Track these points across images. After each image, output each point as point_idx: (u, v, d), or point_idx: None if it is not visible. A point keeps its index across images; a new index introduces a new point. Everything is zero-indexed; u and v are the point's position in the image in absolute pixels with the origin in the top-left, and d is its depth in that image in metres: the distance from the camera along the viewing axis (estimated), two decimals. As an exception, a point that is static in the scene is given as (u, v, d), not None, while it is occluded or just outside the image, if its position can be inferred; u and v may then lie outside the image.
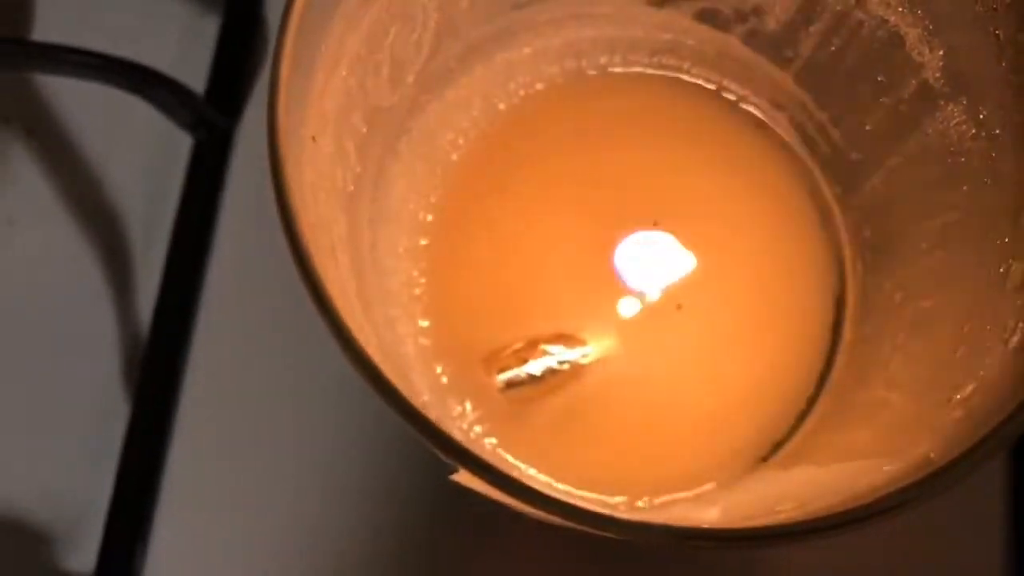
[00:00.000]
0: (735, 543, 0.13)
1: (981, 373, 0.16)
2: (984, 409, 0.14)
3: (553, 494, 0.13)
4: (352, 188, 0.19)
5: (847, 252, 0.23)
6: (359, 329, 0.16)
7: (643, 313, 0.24)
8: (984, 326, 0.17)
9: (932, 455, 0.14)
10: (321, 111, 0.16)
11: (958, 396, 0.16)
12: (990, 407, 0.14)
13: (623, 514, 0.13)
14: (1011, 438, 0.13)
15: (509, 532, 0.26)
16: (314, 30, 0.15)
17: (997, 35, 0.17)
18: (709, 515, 0.20)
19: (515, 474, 0.22)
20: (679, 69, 0.24)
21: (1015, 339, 0.15)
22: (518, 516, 0.24)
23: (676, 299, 0.24)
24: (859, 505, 0.12)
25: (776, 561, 0.24)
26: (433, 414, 0.22)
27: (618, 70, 0.24)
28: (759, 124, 0.24)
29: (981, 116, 0.18)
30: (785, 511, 0.15)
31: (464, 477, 0.14)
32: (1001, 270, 0.17)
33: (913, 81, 0.19)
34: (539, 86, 0.24)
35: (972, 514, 0.24)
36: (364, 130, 0.19)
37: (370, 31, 0.17)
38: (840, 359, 0.22)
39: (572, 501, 0.13)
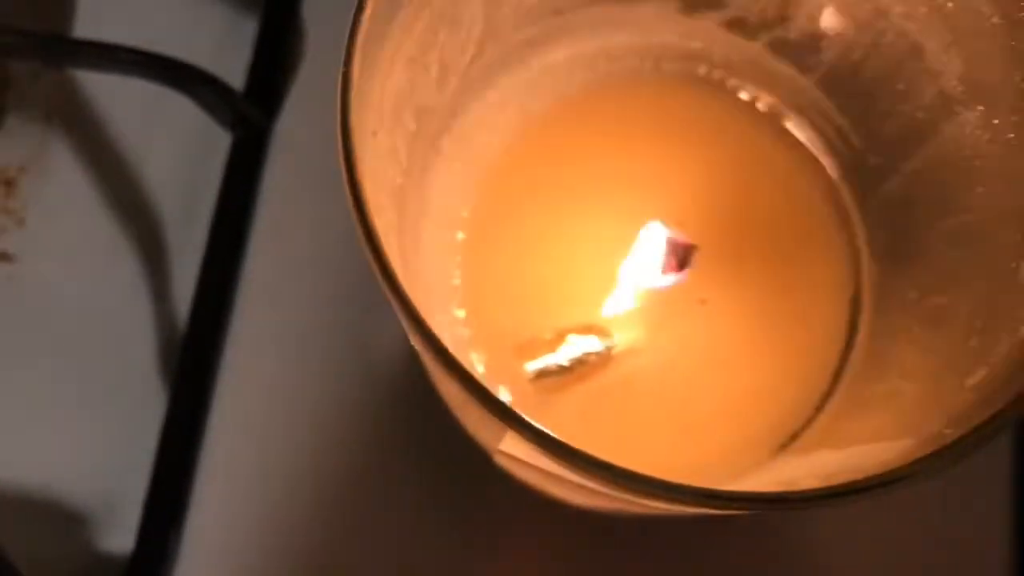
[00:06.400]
0: (760, 505, 0.14)
1: (992, 360, 0.17)
2: (994, 391, 0.16)
3: (593, 456, 0.14)
4: (400, 181, 0.20)
5: (863, 252, 0.24)
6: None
7: (668, 307, 0.25)
8: (995, 318, 0.18)
9: (946, 431, 0.15)
10: (380, 109, 0.17)
11: (970, 382, 0.17)
12: (1000, 389, 0.15)
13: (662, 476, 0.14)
14: (1017, 416, 0.14)
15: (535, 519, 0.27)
16: (377, 35, 0.16)
17: (1012, 46, 0.18)
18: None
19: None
20: (707, 74, 0.25)
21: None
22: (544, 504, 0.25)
23: (699, 294, 0.25)
24: (877, 474, 0.14)
25: (797, 536, 0.25)
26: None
27: (649, 74, 0.25)
28: (782, 128, 0.25)
29: (996, 122, 0.19)
30: (807, 486, 0.16)
31: (511, 444, 0.15)
32: (1012, 266, 0.18)
33: (931, 89, 0.20)
34: (573, 89, 0.25)
35: (979, 500, 0.25)
36: (413, 127, 0.20)
37: (423, 35, 0.18)
38: (856, 353, 0.23)
39: (609, 462, 0.14)
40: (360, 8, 0.15)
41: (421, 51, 0.19)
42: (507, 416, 0.14)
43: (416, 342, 0.14)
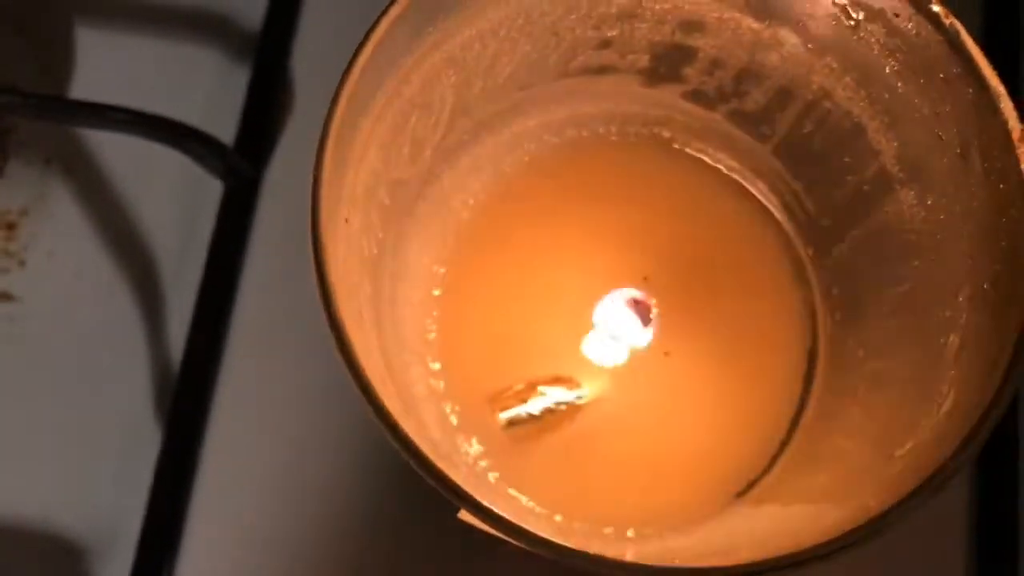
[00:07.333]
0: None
1: (918, 433, 0.18)
2: (917, 466, 0.17)
3: (541, 533, 0.15)
4: (376, 251, 0.21)
5: (819, 308, 0.26)
6: (380, 380, 0.19)
7: (633, 359, 0.26)
8: (924, 390, 0.19)
9: (871, 504, 0.16)
10: (353, 194, 0.19)
11: (898, 452, 0.18)
12: (922, 465, 0.17)
13: (599, 551, 0.16)
14: (935, 493, 0.16)
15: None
16: (350, 130, 0.17)
17: (940, 136, 0.19)
18: (686, 545, 0.22)
19: (514, 506, 0.24)
20: (669, 139, 0.26)
21: (946, 405, 0.18)
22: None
23: (664, 347, 0.26)
24: (801, 550, 0.15)
25: None
26: (442, 450, 0.24)
27: (614, 139, 0.26)
28: (740, 189, 0.26)
29: (929, 202, 0.20)
30: (746, 549, 0.17)
31: (467, 516, 0.17)
32: (942, 341, 0.19)
33: (873, 165, 0.22)
34: (543, 153, 0.26)
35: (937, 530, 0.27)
36: (387, 202, 0.21)
37: (394, 121, 0.20)
38: (810, 406, 0.25)
39: (556, 540, 0.15)
40: (330, 114, 0.16)
41: (393, 135, 0.20)
42: (456, 494, 0.15)
43: (381, 430, 0.16)
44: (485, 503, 0.15)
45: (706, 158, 0.26)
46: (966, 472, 0.27)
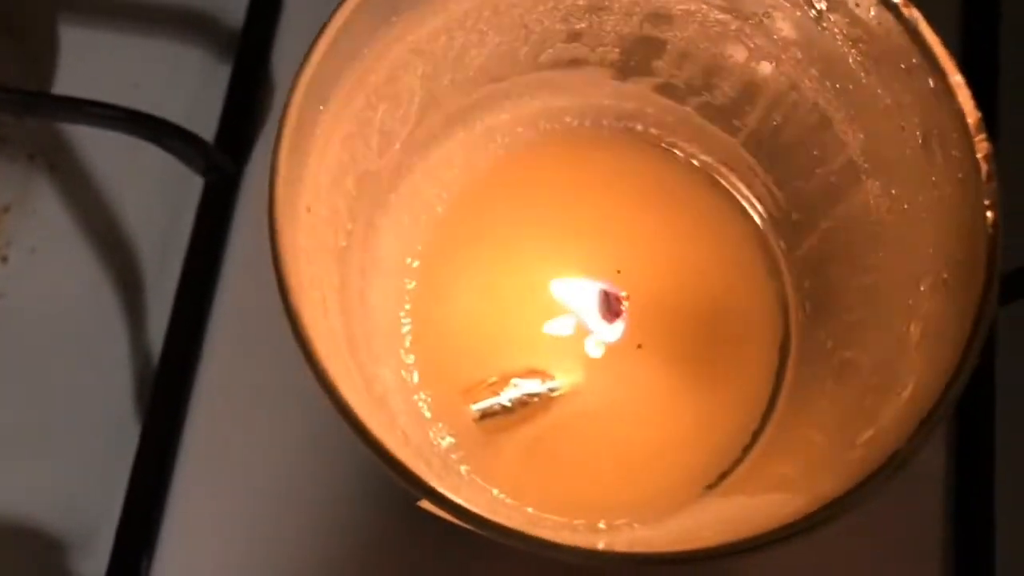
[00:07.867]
0: (653, 564, 0.15)
1: (879, 421, 0.18)
2: (877, 453, 0.17)
3: (499, 521, 0.15)
4: (345, 243, 0.21)
5: (791, 301, 0.26)
6: (345, 370, 0.19)
7: (606, 352, 0.26)
8: (887, 378, 0.19)
9: (829, 491, 0.17)
10: (316, 183, 0.19)
11: (859, 440, 0.18)
12: (881, 452, 0.17)
13: (564, 539, 0.16)
14: (888, 480, 0.16)
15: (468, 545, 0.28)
16: (310, 118, 0.18)
17: (902, 127, 0.19)
18: (656, 536, 0.22)
19: (486, 498, 0.24)
20: (642, 132, 0.27)
21: (907, 392, 0.18)
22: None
23: (636, 339, 0.26)
24: (754, 536, 0.15)
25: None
26: (414, 442, 0.24)
27: (587, 133, 0.27)
28: (713, 182, 0.27)
29: (893, 193, 0.20)
30: (710, 538, 0.17)
31: (428, 504, 0.17)
32: (904, 330, 0.19)
33: (840, 157, 0.22)
34: (516, 145, 0.26)
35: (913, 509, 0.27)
36: (355, 192, 0.21)
37: (360, 112, 0.20)
38: (781, 398, 0.25)
39: (512, 526, 0.15)
40: (289, 99, 0.17)
41: (359, 126, 0.20)
42: (411, 481, 0.15)
43: (338, 416, 0.16)
44: (443, 490, 0.15)
45: (679, 152, 0.26)
46: (942, 433, 0.27)
